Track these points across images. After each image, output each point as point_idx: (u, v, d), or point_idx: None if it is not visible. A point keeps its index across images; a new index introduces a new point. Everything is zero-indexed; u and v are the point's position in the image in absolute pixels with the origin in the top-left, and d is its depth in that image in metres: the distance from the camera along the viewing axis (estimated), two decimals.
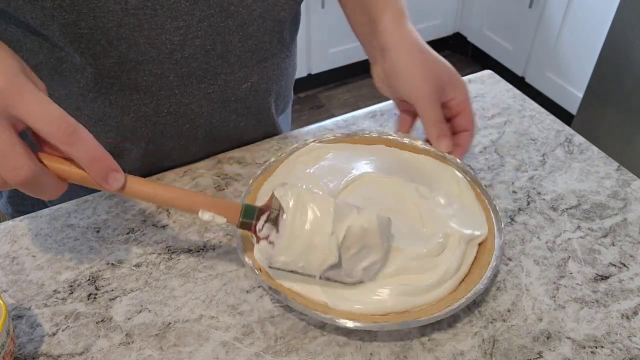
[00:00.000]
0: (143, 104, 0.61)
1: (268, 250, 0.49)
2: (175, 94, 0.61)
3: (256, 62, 0.65)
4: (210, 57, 0.60)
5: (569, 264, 0.57)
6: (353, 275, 0.50)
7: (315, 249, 0.48)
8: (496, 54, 2.57)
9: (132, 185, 0.46)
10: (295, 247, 0.48)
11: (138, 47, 0.56)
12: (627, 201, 0.64)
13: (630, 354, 0.49)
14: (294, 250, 0.48)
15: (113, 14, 0.53)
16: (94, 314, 0.52)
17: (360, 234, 0.48)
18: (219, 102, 0.65)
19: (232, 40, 0.60)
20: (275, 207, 0.49)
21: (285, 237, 0.48)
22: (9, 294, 0.54)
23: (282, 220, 0.48)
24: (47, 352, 0.49)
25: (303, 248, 0.48)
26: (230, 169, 0.67)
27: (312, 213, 0.48)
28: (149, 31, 0.55)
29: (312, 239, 0.48)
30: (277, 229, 0.49)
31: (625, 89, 1.83)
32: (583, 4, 2.05)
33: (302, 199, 0.48)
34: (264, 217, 0.49)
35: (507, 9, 2.42)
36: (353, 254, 0.49)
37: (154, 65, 0.58)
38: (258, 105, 0.69)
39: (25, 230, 0.60)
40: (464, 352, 0.49)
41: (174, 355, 0.49)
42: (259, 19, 0.61)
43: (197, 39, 0.58)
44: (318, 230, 0.48)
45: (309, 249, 0.48)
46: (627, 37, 1.77)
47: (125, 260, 0.57)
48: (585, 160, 0.69)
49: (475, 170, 0.62)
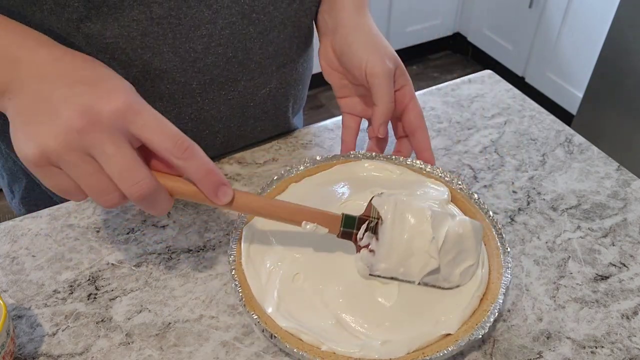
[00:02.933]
0: (165, 111, 0.61)
1: (369, 258, 0.50)
2: (197, 101, 0.62)
3: (276, 68, 0.65)
4: (231, 64, 0.60)
5: (569, 264, 0.57)
6: (450, 280, 0.50)
7: (415, 255, 0.49)
8: (496, 54, 2.57)
9: (239, 199, 0.46)
10: (396, 254, 0.49)
11: (162, 55, 0.56)
12: (627, 201, 0.64)
13: (630, 354, 0.49)
14: (394, 258, 0.49)
15: (138, 23, 0.53)
16: (94, 314, 0.52)
17: (456, 239, 0.49)
18: (238, 107, 0.65)
19: (252, 47, 0.61)
20: (374, 216, 0.50)
21: (385, 244, 0.49)
22: (9, 294, 0.54)
23: (381, 228, 0.49)
24: (47, 352, 0.49)
25: (403, 255, 0.49)
26: (230, 169, 0.67)
27: (410, 220, 0.49)
28: (173, 40, 0.55)
29: (411, 246, 0.49)
30: (377, 237, 0.50)
31: (625, 89, 1.83)
32: (583, 4, 2.05)
33: (400, 207, 0.49)
34: (363, 226, 0.50)
35: (507, 9, 2.42)
36: (450, 259, 0.49)
37: (177, 74, 0.58)
38: (275, 109, 0.70)
39: (25, 230, 0.60)
40: (464, 353, 0.49)
41: (174, 355, 0.49)
42: (279, 26, 0.61)
43: (220, 47, 0.58)
44: (418, 236, 0.48)
45: (409, 256, 0.49)
46: (627, 37, 1.77)
47: (125, 260, 0.57)
48: (585, 160, 0.69)
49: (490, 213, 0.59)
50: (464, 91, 0.81)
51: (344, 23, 0.62)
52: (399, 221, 0.49)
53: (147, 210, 0.44)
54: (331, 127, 0.74)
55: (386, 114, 0.59)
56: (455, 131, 0.74)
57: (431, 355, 0.45)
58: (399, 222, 0.49)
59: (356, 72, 0.60)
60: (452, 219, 0.50)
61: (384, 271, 0.50)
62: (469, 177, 0.67)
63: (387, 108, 0.59)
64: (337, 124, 0.75)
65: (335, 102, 0.68)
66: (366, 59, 0.59)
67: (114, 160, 0.40)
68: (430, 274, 0.49)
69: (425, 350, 0.46)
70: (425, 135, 0.62)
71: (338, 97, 0.66)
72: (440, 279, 0.50)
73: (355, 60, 0.60)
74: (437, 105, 0.78)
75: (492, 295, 0.50)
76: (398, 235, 0.49)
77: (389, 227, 0.49)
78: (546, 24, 2.23)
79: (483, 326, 0.47)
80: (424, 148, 0.62)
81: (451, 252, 0.49)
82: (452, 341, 0.47)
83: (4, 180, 0.76)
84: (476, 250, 0.51)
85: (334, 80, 0.65)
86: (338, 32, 0.62)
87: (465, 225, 0.49)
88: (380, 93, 0.58)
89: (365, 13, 0.63)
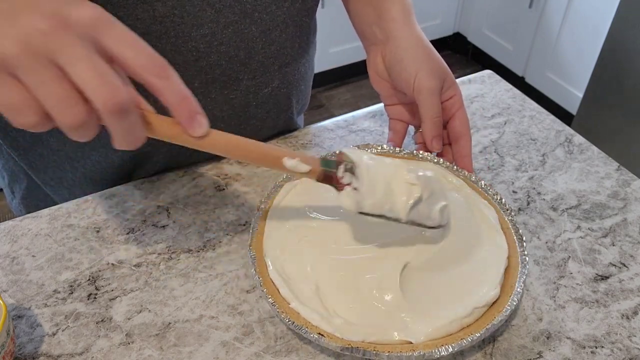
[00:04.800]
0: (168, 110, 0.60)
1: (355, 195, 0.49)
2: (199, 100, 0.60)
3: (278, 67, 0.65)
4: (233, 63, 0.61)
5: (569, 264, 0.57)
6: (432, 217, 0.51)
7: (396, 190, 0.50)
8: (496, 54, 2.57)
9: (214, 134, 0.43)
10: (378, 192, 0.49)
11: (165, 54, 0.55)
12: (627, 201, 0.64)
13: (630, 354, 0.49)
14: (377, 195, 0.49)
15: (141, 22, 0.53)
16: (94, 314, 0.52)
17: (425, 180, 0.51)
18: (239, 107, 0.65)
19: (255, 46, 0.61)
20: (348, 161, 0.50)
21: (365, 182, 0.49)
22: (9, 294, 0.54)
23: (357, 170, 0.50)
24: (47, 352, 0.49)
25: (384, 193, 0.49)
26: (230, 169, 0.67)
27: (383, 160, 0.51)
28: (176, 39, 0.55)
29: (391, 182, 0.50)
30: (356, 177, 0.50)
31: (625, 89, 1.83)
32: (583, 4, 2.05)
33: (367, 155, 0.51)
34: (341, 166, 0.50)
35: (507, 9, 2.42)
36: (426, 198, 0.50)
37: (179, 72, 0.57)
38: (277, 109, 0.70)
39: (25, 230, 0.60)
40: (464, 353, 0.49)
41: (174, 355, 0.49)
42: (282, 25, 0.61)
43: (222, 46, 0.58)
44: (394, 172, 0.50)
45: (391, 192, 0.50)
46: (627, 37, 1.77)
47: (125, 260, 0.57)
48: (585, 160, 0.69)
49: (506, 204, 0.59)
50: (464, 91, 0.80)
51: (394, 35, 0.62)
52: (372, 163, 0.50)
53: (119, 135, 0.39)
54: (331, 127, 0.74)
55: (434, 130, 0.61)
56: None
57: (425, 351, 0.46)
58: (373, 164, 0.50)
59: (404, 87, 0.62)
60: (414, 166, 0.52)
61: (372, 207, 0.49)
62: None
63: (433, 124, 0.61)
64: (337, 124, 0.75)
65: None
66: (414, 75, 0.60)
67: (84, 65, 0.34)
68: (415, 209, 0.50)
69: (421, 346, 0.46)
70: (469, 142, 0.63)
71: (386, 105, 0.68)
72: (424, 216, 0.51)
73: (404, 75, 0.61)
74: None
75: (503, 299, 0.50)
76: (375, 174, 0.49)
77: (364, 169, 0.49)
78: (546, 24, 2.23)
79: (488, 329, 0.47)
80: (465, 154, 0.63)
81: (425, 191, 0.50)
82: (451, 340, 0.47)
83: (4, 180, 0.76)
84: (443, 193, 0.52)
85: (382, 89, 0.67)
86: (389, 44, 0.63)
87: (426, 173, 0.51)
88: (425, 109, 0.61)
89: (413, 22, 0.64)
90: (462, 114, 0.63)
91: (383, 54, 0.64)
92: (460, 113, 0.63)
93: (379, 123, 0.75)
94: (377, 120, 0.76)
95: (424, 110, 0.61)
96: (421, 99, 0.61)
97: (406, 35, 0.62)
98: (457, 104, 0.63)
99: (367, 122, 0.75)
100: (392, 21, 0.63)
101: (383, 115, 0.76)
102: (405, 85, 0.62)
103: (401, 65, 0.62)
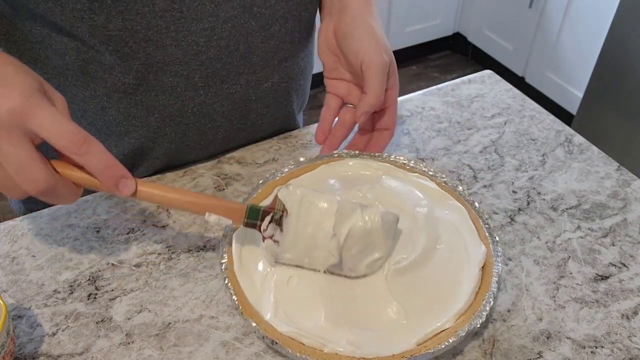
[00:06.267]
0: (168, 104, 0.61)
1: (274, 248, 0.51)
2: (199, 95, 0.62)
3: (277, 62, 0.65)
4: (233, 58, 0.61)
5: (569, 264, 0.57)
6: (357, 270, 0.51)
7: (318, 248, 0.50)
8: (496, 54, 2.57)
9: (143, 189, 0.48)
10: (300, 246, 0.50)
11: (165, 48, 0.56)
12: (627, 201, 0.64)
13: (630, 354, 0.49)
14: (298, 249, 0.50)
15: (141, 17, 0.53)
16: (94, 314, 0.52)
17: (362, 233, 0.50)
18: (240, 101, 0.65)
19: (254, 40, 0.61)
20: (279, 208, 0.51)
21: (289, 236, 0.50)
22: (9, 294, 0.54)
23: (286, 220, 0.50)
24: (47, 352, 0.49)
25: (307, 247, 0.50)
26: (230, 169, 0.67)
27: (314, 214, 0.50)
28: (176, 33, 0.56)
29: (314, 240, 0.50)
30: (281, 228, 0.51)
31: (625, 89, 1.83)
32: (583, 4, 2.05)
33: (305, 199, 0.50)
34: (268, 217, 0.51)
35: (507, 9, 2.42)
36: (356, 252, 0.50)
37: (179, 67, 0.59)
38: (277, 104, 0.70)
39: (25, 230, 0.60)
40: (464, 352, 0.49)
41: (174, 355, 0.49)
42: (281, 20, 0.61)
43: (222, 40, 0.59)
44: (320, 231, 0.50)
45: (313, 247, 0.50)
46: (627, 37, 1.77)
47: (125, 260, 0.57)
48: (585, 160, 0.69)
49: None
50: (464, 91, 0.81)
51: (351, 7, 0.62)
52: (303, 215, 0.50)
53: (51, 202, 0.47)
54: None
55: (373, 105, 0.60)
56: (455, 131, 0.73)
57: (433, 348, 0.46)
58: (304, 216, 0.50)
59: (352, 59, 0.60)
60: (363, 211, 0.50)
61: (289, 260, 0.51)
62: (469, 177, 0.67)
63: (375, 100, 0.59)
64: None
65: None
66: (365, 48, 0.59)
67: (11, 159, 0.42)
68: (334, 266, 0.51)
69: (427, 344, 0.47)
70: (389, 137, 0.64)
71: (326, 77, 0.67)
72: (345, 269, 0.51)
73: (354, 47, 0.60)
74: (437, 105, 0.78)
75: (485, 285, 0.51)
76: (302, 228, 0.50)
77: (293, 220, 0.50)
78: (546, 24, 2.23)
79: (480, 315, 0.48)
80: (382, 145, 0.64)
81: (356, 245, 0.50)
82: (451, 333, 0.47)
83: None
84: (385, 243, 0.51)
85: (327, 60, 0.65)
86: (343, 15, 0.62)
87: (374, 220, 0.50)
88: (372, 84, 0.59)
89: (371, 4, 0.63)
90: (394, 109, 0.63)
91: (336, 25, 0.63)
92: (393, 108, 0.62)
93: None
94: None
95: (369, 85, 0.59)
96: (371, 74, 0.59)
97: (361, 10, 0.61)
98: (393, 97, 0.62)
99: None
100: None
101: None
102: (354, 57, 0.60)
103: (353, 36, 0.60)
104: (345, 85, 0.65)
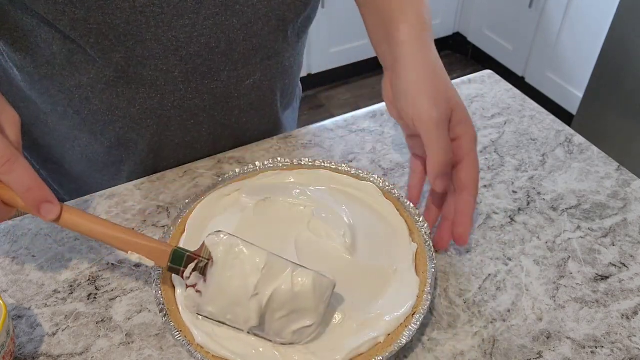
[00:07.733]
0: (149, 97, 0.62)
1: (195, 298, 0.47)
2: (179, 89, 0.62)
3: (260, 60, 0.65)
4: (214, 54, 0.61)
5: (569, 264, 0.57)
6: (282, 336, 0.46)
7: (243, 304, 0.45)
8: (496, 54, 2.57)
9: (67, 217, 0.46)
10: (222, 300, 0.46)
11: (145, 43, 0.57)
12: (627, 201, 0.64)
13: (630, 354, 0.49)
14: (221, 303, 0.46)
15: (121, 11, 0.54)
16: (94, 314, 0.52)
17: (289, 297, 0.45)
18: (222, 97, 0.66)
19: (236, 38, 0.61)
20: (205, 256, 0.47)
21: (212, 288, 0.46)
22: (9, 294, 0.54)
23: (210, 270, 0.46)
24: (47, 352, 0.49)
25: (230, 303, 0.46)
26: (230, 169, 0.67)
27: (240, 269, 0.45)
28: (156, 28, 0.56)
29: (237, 296, 0.45)
30: (205, 278, 0.47)
31: (625, 89, 1.83)
32: (583, 4, 2.06)
33: (233, 251, 0.46)
34: (192, 265, 0.47)
35: (507, 9, 2.42)
36: (281, 316, 0.45)
37: (159, 61, 0.59)
38: (260, 102, 0.70)
39: (25, 230, 0.60)
40: (464, 352, 0.49)
41: (174, 355, 0.49)
42: (263, 18, 0.61)
43: (202, 37, 0.59)
44: (243, 289, 0.45)
45: (236, 304, 0.46)
46: (627, 37, 1.77)
47: (125, 260, 0.57)
48: (585, 160, 0.69)
49: None
50: (464, 91, 0.81)
51: (401, 60, 0.55)
52: (229, 267, 0.45)
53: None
54: (331, 127, 0.74)
55: (437, 167, 0.52)
56: None
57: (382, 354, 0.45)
58: (230, 268, 0.45)
59: (405, 118, 0.55)
60: (294, 270, 0.45)
61: (211, 315, 0.47)
62: None
63: (439, 157, 0.52)
64: (337, 124, 0.75)
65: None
66: (413, 104, 0.53)
67: None
68: (257, 328, 0.46)
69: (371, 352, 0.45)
70: (472, 199, 0.54)
71: (406, 136, 0.60)
72: (270, 334, 0.46)
73: (404, 104, 0.54)
74: None
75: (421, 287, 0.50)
76: (226, 282, 0.45)
77: (219, 271, 0.46)
78: (546, 24, 2.23)
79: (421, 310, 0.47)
80: (464, 212, 0.54)
81: (281, 310, 0.45)
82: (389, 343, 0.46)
83: None
84: (316, 310, 0.45)
85: (395, 117, 0.59)
86: (396, 69, 0.56)
87: (304, 284, 0.45)
88: (428, 142, 0.52)
89: (425, 43, 0.56)
90: (471, 161, 0.54)
91: (392, 80, 0.57)
92: (469, 160, 0.54)
93: (379, 123, 0.75)
94: (377, 120, 0.76)
95: (426, 144, 0.52)
96: (423, 129, 0.52)
97: (413, 60, 0.55)
98: (467, 148, 0.54)
99: (367, 122, 0.75)
100: (400, 44, 0.56)
101: (383, 115, 0.76)
102: (406, 117, 0.55)
103: (404, 95, 0.55)
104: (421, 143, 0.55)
